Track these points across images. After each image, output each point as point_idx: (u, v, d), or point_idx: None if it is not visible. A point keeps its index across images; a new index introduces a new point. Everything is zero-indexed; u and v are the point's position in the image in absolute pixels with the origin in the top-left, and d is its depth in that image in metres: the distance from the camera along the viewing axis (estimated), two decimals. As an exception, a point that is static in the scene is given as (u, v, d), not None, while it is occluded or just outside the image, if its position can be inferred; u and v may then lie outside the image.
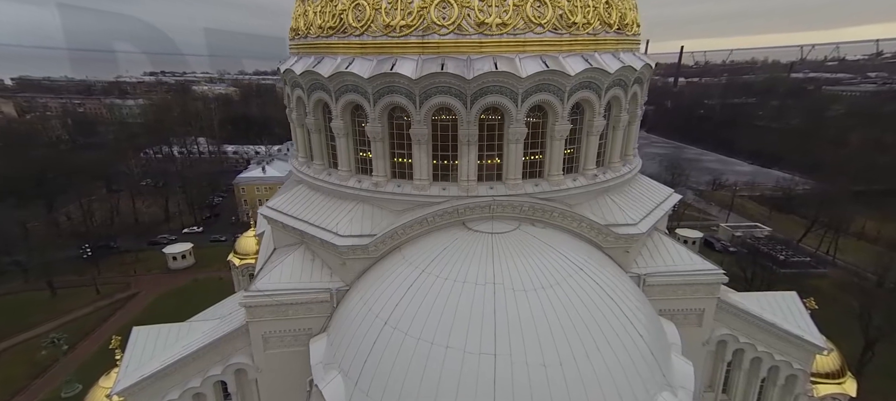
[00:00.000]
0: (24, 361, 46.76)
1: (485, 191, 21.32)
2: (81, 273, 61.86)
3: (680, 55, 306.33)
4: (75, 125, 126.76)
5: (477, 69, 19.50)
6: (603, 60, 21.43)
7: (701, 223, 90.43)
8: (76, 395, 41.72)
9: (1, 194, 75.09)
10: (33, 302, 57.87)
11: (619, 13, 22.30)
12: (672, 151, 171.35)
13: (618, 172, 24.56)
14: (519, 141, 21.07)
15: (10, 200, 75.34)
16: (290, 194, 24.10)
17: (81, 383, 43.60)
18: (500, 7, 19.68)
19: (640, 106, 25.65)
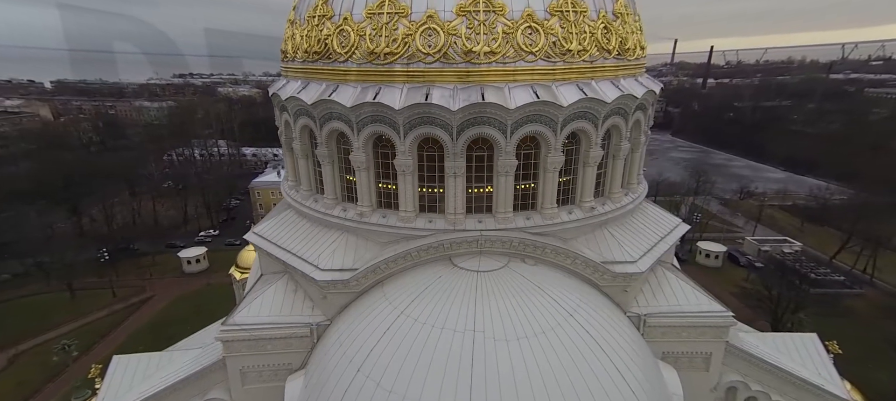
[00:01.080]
0: (39, 363, 48.56)
1: (473, 224, 20.34)
2: (101, 276, 63.99)
3: (709, 55, 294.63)
4: (106, 128, 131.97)
5: (463, 100, 18.55)
6: (600, 89, 20.11)
7: (725, 235, 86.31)
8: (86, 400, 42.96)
9: (31, 196, 78.66)
10: (53, 303, 60.22)
11: (619, 38, 20.90)
12: (698, 156, 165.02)
13: (618, 203, 23.12)
14: (509, 173, 20.00)
15: (40, 202, 78.83)
16: (277, 219, 23.73)
17: (90, 389, 44.91)
18: (489, 35, 18.65)
19: (644, 132, 24.11)
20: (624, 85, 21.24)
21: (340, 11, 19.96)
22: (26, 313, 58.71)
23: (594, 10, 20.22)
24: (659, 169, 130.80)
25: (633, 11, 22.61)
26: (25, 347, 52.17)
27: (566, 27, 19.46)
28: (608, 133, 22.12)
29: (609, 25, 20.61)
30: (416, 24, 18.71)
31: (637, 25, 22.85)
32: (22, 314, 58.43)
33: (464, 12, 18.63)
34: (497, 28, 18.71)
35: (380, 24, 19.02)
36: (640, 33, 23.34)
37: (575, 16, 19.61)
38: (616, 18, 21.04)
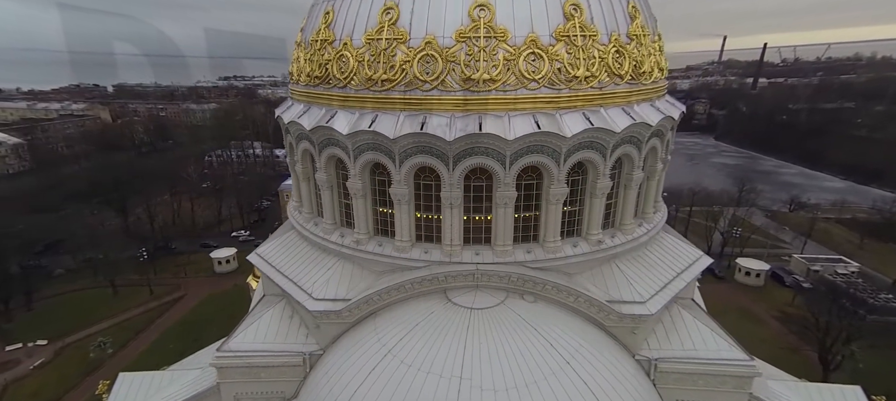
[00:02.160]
0: (80, 357, 51.95)
1: (469, 257, 19.57)
2: (141, 273, 67.85)
3: (762, 53, 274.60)
4: (155, 130, 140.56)
5: (459, 130, 17.83)
6: (609, 117, 18.79)
7: (770, 252, 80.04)
8: (121, 392, 45.56)
9: (86, 196, 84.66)
10: (98, 299, 64.33)
11: (632, 62, 19.47)
12: (744, 162, 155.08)
13: (630, 236, 21.63)
14: (508, 205, 19.08)
15: (94, 201, 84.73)
16: (280, 241, 23.91)
17: (126, 382, 47.65)
18: (489, 62, 17.83)
19: (661, 159, 22.43)
20: (637, 112, 19.78)
21: (341, 36, 19.74)
22: (74, 307, 63.10)
23: (605, 34, 18.94)
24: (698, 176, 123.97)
25: (651, 32, 21.06)
26: (70, 340, 56.02)
27: (573, 53, 18.32)
28: (619, 161, 20.74)
29: (622, 49, 19.25)
30: (415, 51, 18.17)
31: (656, 46, 21.25)
32: (70, 308, 62.86)
33: (463, 38, 17.91)
34: (498, 55, 17.86)
35: (378, 50, 18.62)
36: (660, 54, 21.72)
37: (583, 40, 18.43)
38: (630, 41, 19.64)
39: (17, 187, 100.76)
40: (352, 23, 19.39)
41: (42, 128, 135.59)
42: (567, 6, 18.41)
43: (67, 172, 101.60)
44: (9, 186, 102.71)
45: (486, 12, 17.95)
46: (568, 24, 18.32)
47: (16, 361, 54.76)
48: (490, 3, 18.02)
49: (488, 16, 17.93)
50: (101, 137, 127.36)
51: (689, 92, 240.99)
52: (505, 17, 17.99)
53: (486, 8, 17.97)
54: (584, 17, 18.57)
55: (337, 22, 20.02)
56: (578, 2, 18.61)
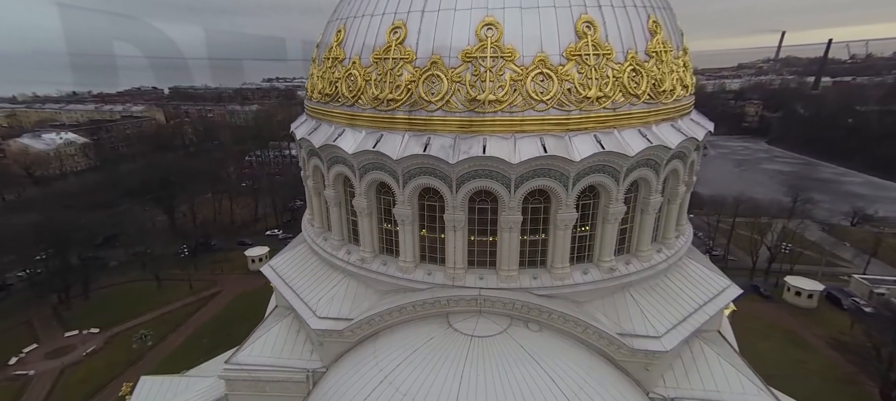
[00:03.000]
0: (126, 347, 55.78)
1: (473, 281, 19.12)
2: (183, 268, 72.07)
3: (827, 49, 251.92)
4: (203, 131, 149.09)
5: (463, 152, 17.43)
6: (622, 140, 17.77)
7: (825, 270, 73.52)
8: None
9: (139, 193, 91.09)
10: (143, 292, 68.91)
11: (651, 80, 18.32)
12: (800, 169, 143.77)
13: (647, 263, 20.38)
14: (513, 229, 18.48)
15: (145, 199, 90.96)
16: (293, 253, 24.44)
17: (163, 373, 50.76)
18: (495, 82, 17.32)
19: (684, 182, 20.99)
20: (655, 133, 18.60)
21: (350, 55, 19.85)
22: (123, 298, 67.95)
23: (621, 52, 17.92)
24: (746, 184, 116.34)
25: (674, 47, 19.74)
26: (119, 330, 60.34)
27: (584, 72, 17.46)
28: (635, 184, 19.60)
29: (639, 67, 18.15)
30: (421, 71, 17.96)
31: (679, 62, 19.90)
32: (120, 299, 67.74)
33: (470, 58, 17.51)
34: (504, 75, 17.31)
35: (385, 69, 18.56)
36: (684, 70, 20.33)
37: (596, 59, 17.52)
38: (649, 58, 18.48)
39: (82, 184, 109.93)
40: (361, 41, 19.46)
41: (106, 128, 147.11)
42: (580, 24, 17.57)
43: (124, 170, 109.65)
44: (76, 183, 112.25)
45: (494, 31, 17.45)
46: (580, 43, 17.48)
47: (72, 346, 59.63)
48: (498, 22, 17.51)
49: (496, 35, 17.43)
50: (155, 137, 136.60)
51: (739, 92, 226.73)
52: (513, 36, 17.42)
53: (493, 27, 17.48)
54: (597, 35, 17.66)
55: (347, 40, 20.15)
56: (592, 19, 17.71)
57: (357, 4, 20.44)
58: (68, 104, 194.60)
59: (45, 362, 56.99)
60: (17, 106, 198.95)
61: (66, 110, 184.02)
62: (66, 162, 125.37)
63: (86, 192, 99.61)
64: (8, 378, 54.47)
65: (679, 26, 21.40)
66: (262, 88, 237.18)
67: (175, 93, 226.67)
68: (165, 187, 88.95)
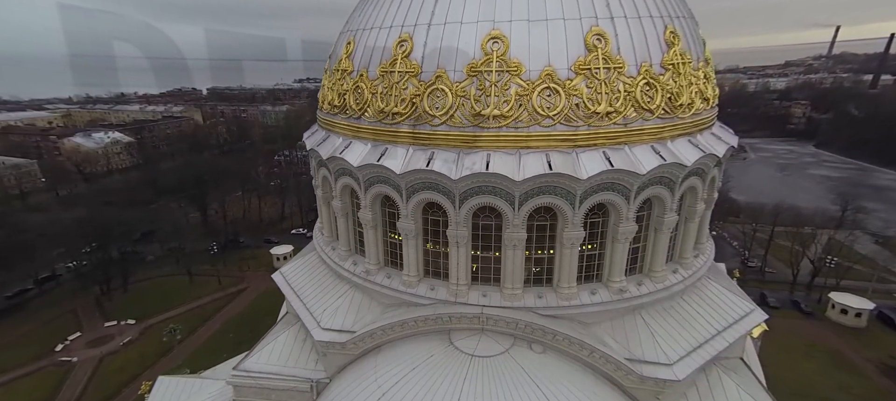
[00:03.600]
0: (158, 339, 58.65)
1: (476, 298, 18.80)
2: (213, 264, 75.11)
3: (888, 44, 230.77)
4: (237, 130, 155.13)
5: (466, 167, 17.15)
6: (633, 156, 17.00)
7: (877, 286, 68.37)
8: (186, 376, 50.91)
9: (175, 191, 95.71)
10: (176, 286, 72.29)
11: (666, 94, 17.44)
12: (851, 174, 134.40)
13: (661, 284, 19.46)
14: (517, 247, 18.03)
15: (181, 196, 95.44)
16: (303, 261, 24.82)
17: (189, 368, 53.01)
18: (500, 97, 16.94)
19: (702, 199, 19.89)
20: (671, 150, 17.71)
21: (359, 67, 19.92)
22: (157, 291, 71.52)
23: (634, 65, 17.15)
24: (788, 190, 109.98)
25: (694, 58, 18.73)
26: (152, 322, 63.55)
27: (594, 87, 16.81)
28: (649, 201, 18.73)
29: (653, 81, 17.32)
30: (425, 85, 17.79)
31: (699, 74, 18.85)
32: (154, 292, 71.32)
33: (475, 72, 17.19)
34: (510, 90, 16.90)
35: (391, 82, 18.50)
36: (705, 83, 19.25)
37: (607, 73, 16.84)
38: (665, 71, 17.61)
39: (125, 181, 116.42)
40: (369, 54, 19.49)
41: (148, 128, 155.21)
42: (590, 37, 16.93)
43: (163, 168, 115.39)
44: (120, 180, 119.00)
45: (500, 45, 17.07)
46: (590, 57, 16.84)
47: (110, 336, 63.24)
48: (504, 35, 17.11)
49: (502, 49, 17.04)
50: (192, 137, 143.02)
51: (784, 92, 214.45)
52: (519, 50, 16.98)
53: (499, 41, 17.09)
54: (609, 48, 16.96)
55: (356, 52, 20.24)
56: (604, 31, 17.03)
57: (366, 17, 20.50)
58: (116, 105, 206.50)
59: (87, 349, 60.68)
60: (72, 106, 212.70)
61: (114, 111, 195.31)
62: (112, 160, 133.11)
63: (128, 189, 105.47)
64: (54, 363, 58.35)
65: (701, 35, 20.31)
66: (293, 89, 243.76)
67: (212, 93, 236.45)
68: (199, 185, 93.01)
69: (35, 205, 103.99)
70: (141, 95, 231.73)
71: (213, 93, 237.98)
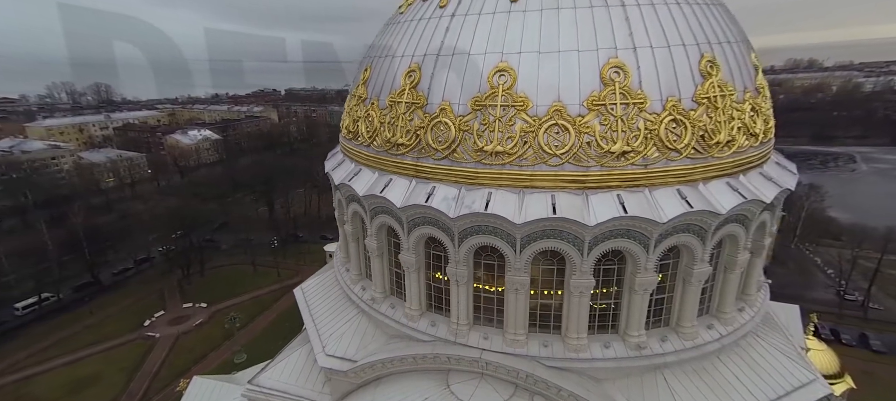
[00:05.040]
0: (222, 324, 64.47)
1: (476, 339, 17.98)
2: (274, 257, 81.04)
3: None
4: (307, 129, 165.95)
5: (465, 206, 16.41)
6: (654, 201, 15.17)
7: None
8: (243, 363, 55.39)
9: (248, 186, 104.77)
10: (242, 275, 78.99)
11: (698, 132, 15.34)
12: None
13: (691, 341, 17.22)
14: (520, 290, 16.92)
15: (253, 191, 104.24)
16: (323, 278, 25.58)
17: (246, 354, 57.68)
18: (504, 133, 15.99)
19: (744, 249, 17.21)
20: (702, 193, 15.54)
21: (371, 95, 19.94)
22: (227, 279, 78.74)
23: (658, 100, 15.29)
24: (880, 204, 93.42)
25: (738, 89, 16.29)
26: (220, 307, 70.11)
27: (608, 124, 15.24)
28: (677, 251, 16.63)
29: (682, 117, 15.30)
30: (430, 117, 17.31)
31: (744, 107, 16.32)
32: (224, 280, 78.61)
33: (479, 106, 16.40)
34: (515, 126, 15.88)
35: (397, 113, 18.27)
36: (754, 116, 16.64)
37: (624, 109, 15.19)
38: (698, 106, 15.48)
39: (210, 175, 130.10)
40: (381, 82, 19.41)
41: (232, 127, 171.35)
42: (607, 70, 15.34)
43: (240, 164, 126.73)
44: (206, 174, 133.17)
45: (507, 78, 16.09)
46: (605, 92, 15.26)
47: (187, 316, 70.84)
48: (512, 68, 16.10)
49: (509, 82, 16.05)
50: (267, 136, 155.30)
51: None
52: (527, 83, 15.87)
53: (506, 73, 16.12)
54: (628, 82, 15.25)
55: (371, 79, 20.27)
56: (623, 64, 15.34)
57: (383, 44, 20.46)
58: (210, 105, 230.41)
59: (168, 327, 68.52)
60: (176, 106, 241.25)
61: (208, 110, 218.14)
62: (201, 155, 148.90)
63: (211, 182, 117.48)
64: (141, 337, 66.65)
65: (753, 61, 17.58)
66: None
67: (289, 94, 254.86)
68: (267, 182, 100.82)
69: (140, 194, 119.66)
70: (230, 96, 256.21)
71: (289, 94, 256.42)
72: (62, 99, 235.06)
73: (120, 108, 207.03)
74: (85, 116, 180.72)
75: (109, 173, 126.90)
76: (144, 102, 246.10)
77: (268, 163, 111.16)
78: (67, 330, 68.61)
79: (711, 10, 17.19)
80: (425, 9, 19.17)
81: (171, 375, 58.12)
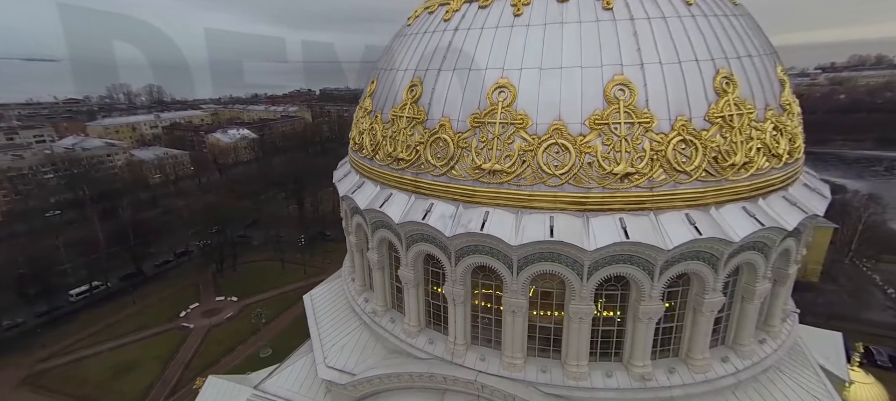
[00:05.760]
0: (249, 320, 66.95)
1: (473, 361, 17.60)
2: (302, 254, 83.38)
3: None
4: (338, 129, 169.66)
5: (461, 225, 16.06)
6: (659, 226, 14.32)
7: None
8: (268, 357, 57.37)
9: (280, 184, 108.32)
10: (270, 271, 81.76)
11: (711, 153, 14.35)
12: None
13: (702, 374, 16.15)
14: (517, 313, 16.40)
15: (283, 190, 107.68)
16: (331, 286, 25.90)
17: (272, 349, 59.66)
18: (502, 151, 15.54)
19: (764, 277, 15.95)
20: (714, 219, 14.53)
21: (376, 108, 19.94)
22: (256, 274, 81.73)
23: (666, 119, 14.43)
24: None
25: (760, 106, 15.12)
26: (249, 301, 72.86)
27: (611, 144, 14.49)
28: (688, 278, 15.62)
29: (693, 138, 14.34)
30: (429, 133, 17.09)
31: (766, 126, 15.10)
32: (254, 275, 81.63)
33: (478, 123, 16.03)
34: (513, 144, 15.41)
35: (399, 127, 18.17)
36: (776, 136, 15.39)
37: (629, 129, 14.41)
38: (711, 125, 14.49)
39: (246, 173, 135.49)
40: (385, 96, 19.38)
41: (268, 126, 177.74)
42: (611, 87, 14.59)
43: (274, 163, 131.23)
44: (242, 172, 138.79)
45: (506, 95, 15.63)
46: (608, 110, 14.53)
47: (219, 309, 74.04)
48: (512, 84, 15.63)
49: (508, 99, 15.59)
50: (300, 135, 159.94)
51: None
52: (527, 101, 15.36)
53: (506, 90, 15.66)
54: (634, 100, 14.45)
55: (376, 93, 20.29)
56: (629, 81, 14.54)
57: (389, 57, 20.42)
58: (249, 105, 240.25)
59: (201, 319, 71.87)
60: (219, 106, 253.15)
61: (247, 110, 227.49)
62: (239, 154, 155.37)
63: (246, 180, 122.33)
64: (177, 327, 70.27)
65: (780, 75, 16.25)
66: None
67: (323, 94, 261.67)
68: (298, 180, 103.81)
69: (182, 190, 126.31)
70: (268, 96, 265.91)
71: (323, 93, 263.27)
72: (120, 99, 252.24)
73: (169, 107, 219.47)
74: (138, 115, 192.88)
75: (156, 170, 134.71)
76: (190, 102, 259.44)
77: (299, 161, 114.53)
78: (113, 317, 73.38)
79: (732, 22, 16.01)
80: (430, 22, 18.95)
81: (202, 365, 60.93)
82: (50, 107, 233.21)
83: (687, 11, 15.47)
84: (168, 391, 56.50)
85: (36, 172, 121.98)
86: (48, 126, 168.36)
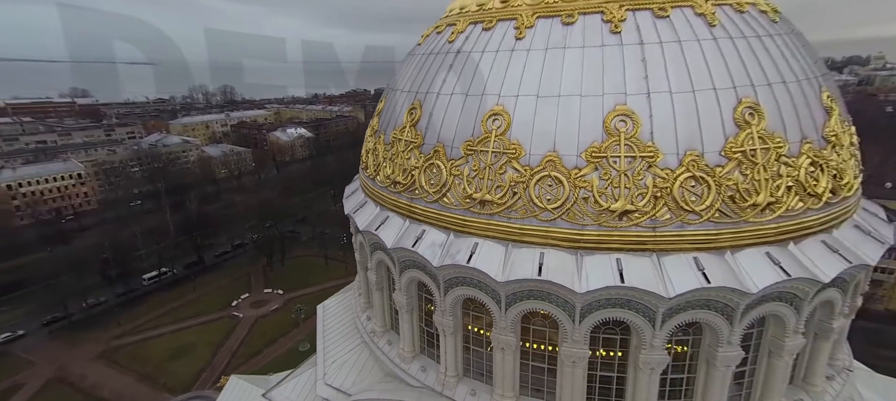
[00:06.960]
0: (291, 313, 70.39)
1: (463, 394, 16.92)
2: (344, 251, 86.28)
3: None
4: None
5: (449, 255, 15.47)
6: (661, 270, 12.93)
7: None
8: (306, 351, 60.04)
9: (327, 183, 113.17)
10: (315, 267, 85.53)
11: (726, 192, 12.70)
12: None
13: (713, 440, 14.29)
14: (507, 350, 15.54)
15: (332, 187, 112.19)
16: (344, 297, 26.24)
17: (310, 343, 62.29)
18: (494, 181, 14.78)
19: (797, 332, 13.82)
20: (729, 265, 12.81)
21: (381, 129, 19.86)
22: (301, 269, 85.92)
23: (674, 154, 12.96)
24: None
25: (794, 139, 13.15)
26: (293, 295, 76.76)
27: (609, 179, 13.25)
28: (700, 327, 13.97)
29: (705, 175, 12.75)
30: (424, 158, 16.68)
31: (800, 162, 13.08)
32: (299, 269, 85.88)
33: (471, 151, 15.38)
34: (505, 174, 14.60)
35: (397, 151, 17.95)
36: (816, 173, 13.29)
37: (629, 162, 13.12)
38: (727, 161, 12.83)
39: (300, 170, 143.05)
40: (389, 117, 19.23)
41: (324, 126, 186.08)
42: (612, 118, 13.35)
43: (326, 161, 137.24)
44: (297, 169, 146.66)
45: (500, 123, 14.84)
46: (608, 142, 13.30)
47: (266, 301, 78.74)
48: (506, 111, 14.82)
49: (502, 127, 14.79)
50: (352, 134, 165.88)
51: None
52: (521, 130, 14.49)
53: (500, 118, 14.88)
54: (637, 132, 13.11)
55: (383, 112, 20.22)
56: (632, 111, 13.23)
57: (397, 76, 20.27)
58: (308, 105, 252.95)
59: (250, 309, 76.84)
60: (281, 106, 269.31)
61: (306, 110, 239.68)
62: (295, 152, 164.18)
63: (300, 177, 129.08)
64: (228, 316, 75.65)
65: (826, 102, 14.02)
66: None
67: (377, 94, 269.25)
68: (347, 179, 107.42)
69: (243, 185, 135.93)
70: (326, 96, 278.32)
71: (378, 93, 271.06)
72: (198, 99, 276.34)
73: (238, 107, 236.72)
74: (211, 114, 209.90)
75: (222, 166, 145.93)
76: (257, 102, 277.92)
77: (348, 160, 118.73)
78: (176, 302, 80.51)
79: (766, 43, 14.00)
80: (436, 43, 18.50)
81: (247, 354, 65.17)
82: (142, 106, 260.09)
83: (708, 34, 13.74)
84: (215, 377, 60.91)
85: (125, 165, 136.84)
86: (138, 124, 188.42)
